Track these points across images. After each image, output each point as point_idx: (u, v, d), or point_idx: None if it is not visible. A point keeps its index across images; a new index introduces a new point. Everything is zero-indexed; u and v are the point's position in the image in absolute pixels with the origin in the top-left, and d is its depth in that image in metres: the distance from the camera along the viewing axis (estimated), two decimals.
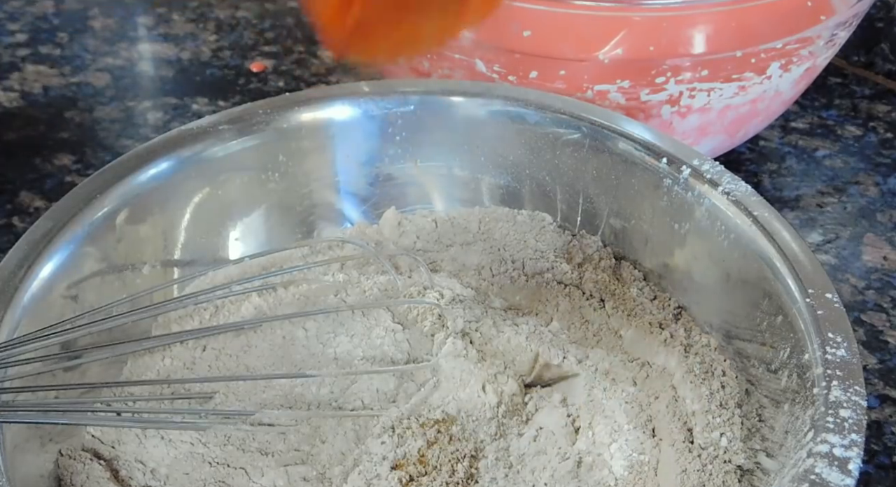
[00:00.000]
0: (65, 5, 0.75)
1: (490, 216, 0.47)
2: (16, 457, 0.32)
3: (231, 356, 0.40)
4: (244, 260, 0.43)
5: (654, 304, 0.42)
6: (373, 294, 0.43)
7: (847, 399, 0.30)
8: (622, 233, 0.44)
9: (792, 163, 0.58)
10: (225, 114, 0.44)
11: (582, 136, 0.43)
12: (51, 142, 0.59)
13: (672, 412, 0.37)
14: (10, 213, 0.53)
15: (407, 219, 0.47)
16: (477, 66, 0.49)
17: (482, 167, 0.46)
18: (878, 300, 0.48)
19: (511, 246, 0.45)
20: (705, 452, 0.35)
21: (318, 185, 0.46)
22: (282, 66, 0.68)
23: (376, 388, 0.39)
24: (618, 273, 0.44)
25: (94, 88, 0.65)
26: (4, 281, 0.35)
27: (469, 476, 0.36)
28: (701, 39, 0.47)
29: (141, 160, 0.41)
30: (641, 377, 0.39)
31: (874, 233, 0.53)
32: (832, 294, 0.34)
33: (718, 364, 0.38)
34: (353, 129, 0.45)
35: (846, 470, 0.28)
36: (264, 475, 0.36)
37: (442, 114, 0.46)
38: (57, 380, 0.36)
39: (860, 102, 0.64)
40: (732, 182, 0.39)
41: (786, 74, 0.49)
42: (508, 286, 0.44)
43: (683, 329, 0.40)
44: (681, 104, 0.48)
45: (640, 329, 0.41)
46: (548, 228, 0.46)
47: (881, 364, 0.45)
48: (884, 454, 0.41)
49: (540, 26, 0.47)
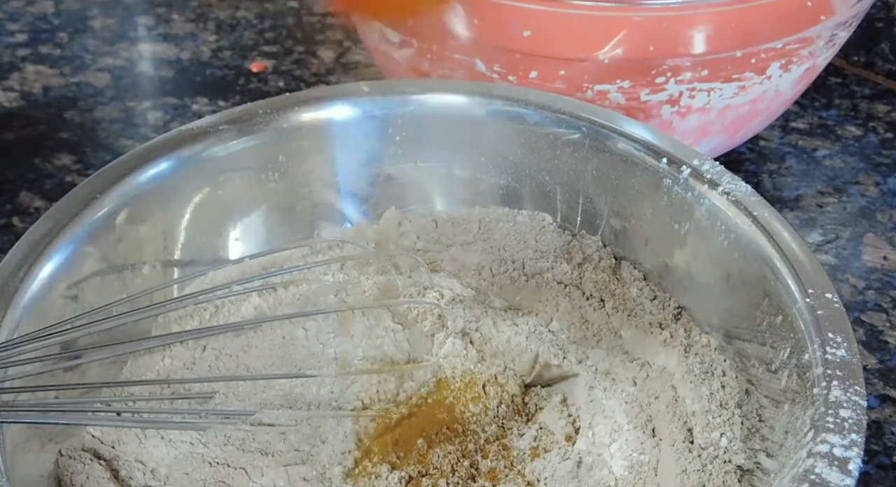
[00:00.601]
0: (65, 5, 0.76)
1: (490, 216, 0.47)
2: (16, 457, 0.32)
3: (231, 356, 0.40)
4: (244, 261, 0.43)
5: (654, 304, 0.42)
6: (373, 294, 0.43)
7: (847, 399, 0.30)
8: (622, 233, 0.44)
9: (792, 163, 0.58)
10: (225, 114, 0.44)
11: (582, 136, 0.43)
12: (51, 142, 0.59)
13: (672, 412, 0.37)
14: (10, 213, 0.53)
15: (407, 219, 0.47)
16: (477, 66, 0.49)
17: (482, 167, 0.46)
18: (878, 300, 0.48)
19: (511, 246, 0.45)
20: (705, 452, 0.35)
21: (318, 185, 0.46)
22: (282, 66, 0.68)
23: (376, 388, 0.39)
24: (618, 273, 0.44)
25: (94, 88, 0.65)
26: (4, 281, 0.35)
27: (469, 476, 0.36)
28: (701, 39, 0.47)
29: (141, 160, 0.41)
30: (641, 377, 0.39)
31: (874, 233, 0.53)
32: (832, 294, 0.34)
33: (718, 364, 0.38)
34: (353, 129, 0.45)
35: (846, 470, 0.28)
36: (264, 475, 0.36)
37: (442, 114, 0.46)
38: (57, 380, 0.36)
39: (860, 102, 0.64)
40: (732, 182, 0.39)
41: (786, 74, 0.49)
42: (508, 286, 0.44)
43: (683, 329, 0.40)
44: (681, 104, 0.48)
45: (640, 329, 0.41)
46: (548, 228, 0.46)
47: (881, 364, 0.45)
48: (884, 454, 0.41)
49: (540, 26, 0.47)
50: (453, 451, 0.37)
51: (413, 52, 0.50)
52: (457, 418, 0.38)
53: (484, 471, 0.36)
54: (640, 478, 0.35)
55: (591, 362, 0.40)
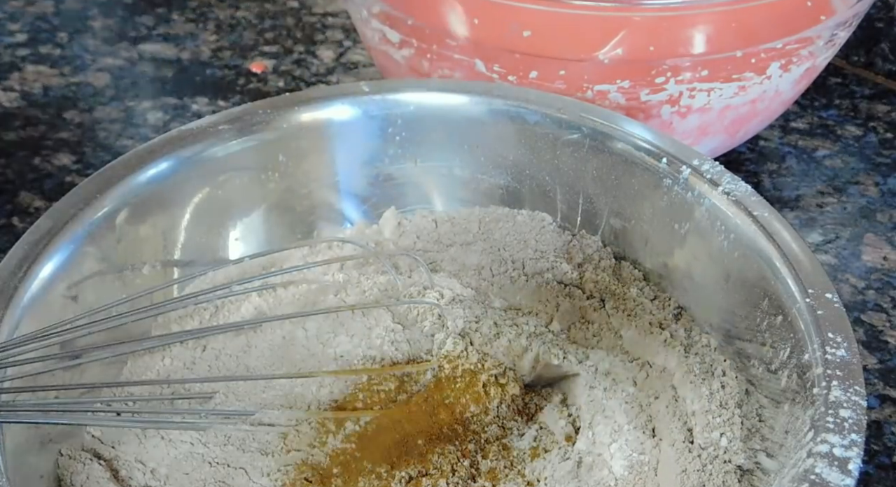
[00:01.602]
0: (65, 5, 0.76)
1: (490, 216, 0.47)
2: (16, 457, 0.32)
3: (231, 356, 0.40)
4: (244, 261, 0.43)
5: (654, 304, 0.42)
6: (373, 294, 0.43)
7: (847, 399, 0.30)
8: (622, 233, 0.44)
9: (792, 163, 0.58)
10: (225, 114, 0.44)
11: (582, 136, 0.43)
12: (51, 142, 0.59)
13: (672, 412, 0.37)
14: (10, 213, 0.53)
15: (407, 219, 0.47)
16: (477, 66, 0.49)
17: (482, 167, 0.46)
18: (878, 300, 0.48)
19: (511, 246, 0.45)
20: (705, 452, 0.35)
21: (318, 185, 0.46)
22: (282, 66, 0.68)
23: (376, 388, 0.39)
24: (618, 273, 0.44)
25: (94, 88, 0.65)
26: (4, 281, 0.35)
27: (469, 476, 0.36)
28: (701, 39, 0.47)
29: (141, 160, 0.41)
30: (641, 377, 0.39)
31: (874, 233, 0.53)
32: (832, 294, 0.34)
33: (718, 364, 0.38)
34: (353, 129, 0.45)
35: (846, 470, 0.28)
36: (264, 475, 0.36)
37: (442, 114, 0.46)
38: (56, 380, 0.36)
39: (860, 102, 0.64)
40: (732, 182, 0.39)
41: (786, 74, 0.49)
42: (508, 286, 0.44)
43: (683, 329, 0.40)
44: (681, 104, 0.48)
45: (640, 329, 0.41)
46: (548, 228, 0.46)
47: (881, 364, 0.45)
48: (884, 454, 0.41)
49: (540, 26, 0.47)
50: (453, 451, 0.37)
51: (413, 52, 0.50)
52: (457, 418, 0.38)
53: (484, 471, 0.36)
54: (640, 478, 0.35)
55: (591, 362, 0.40)
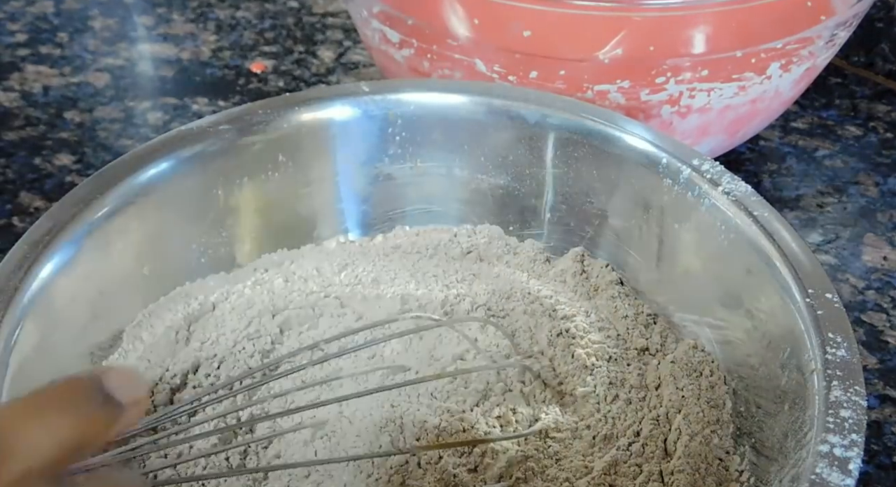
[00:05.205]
0: (65, 5, 0.76)
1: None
2: None
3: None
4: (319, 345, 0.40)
5: (646, 305, 0.42)
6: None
7: (847, 399, 0.30)
8: (622, 233, 0.44)
9: (792, 163, 0.58)
10: (225, 114, 0.44)
11: (582, 136, 0.43)
12: (51, 142, 0.60)
13: (664, 413, 0.37)
14: (10, 213, 0.53)
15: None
16: (477, 66, 0.49)
17: (482, 167, 0.46)
18: (878, 300, 0.48)
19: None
20: (702, 453, 0.35)
21: (318, 185, 0.46)
22: (282, 66, 0.68)
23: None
24: (610, 275, 0.44)
25: (94, 88, 0.65)
26: (4, 281, 0.35)
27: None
28: (701, 39, 0.47)
29: (141, 160, 0.41)
30: (631, 378, 0.39)
31: (874, 233, 0.53)
32: (832, 294, 0.34)
33: (707, 364, 0.38)
34: (353, 129, 0.45)
35: (846, 470, 0.28)
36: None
37: (442, 114, 0.46)
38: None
39: (860, 102, 0.64)
40: (732, 182, 0.39)
41: (786, 74, 0.49)
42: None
43: (679, 329, 0.40)
44: (681, 104, 0.48)
45: (630, 329, 0.41)
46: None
47: (881, 364, 0.45)
48: (884, 454, 0.41)
49: (540, 26, 0.47)
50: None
51: (413, 52, 0.50)
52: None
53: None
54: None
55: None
